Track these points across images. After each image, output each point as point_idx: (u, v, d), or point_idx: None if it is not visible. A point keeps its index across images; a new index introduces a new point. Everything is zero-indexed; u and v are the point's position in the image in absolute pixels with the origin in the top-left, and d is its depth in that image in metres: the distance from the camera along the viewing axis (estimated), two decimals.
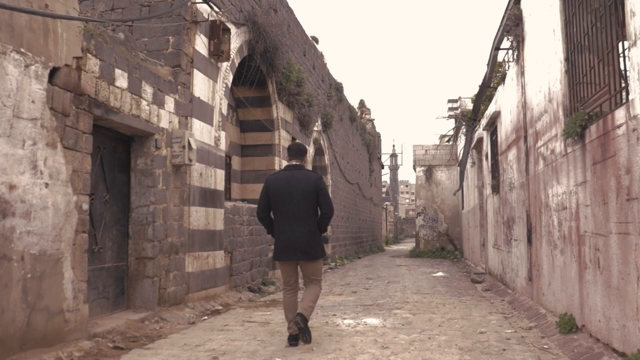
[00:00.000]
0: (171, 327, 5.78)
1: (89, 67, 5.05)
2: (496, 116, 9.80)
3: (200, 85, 7.56)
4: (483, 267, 12.55)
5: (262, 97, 10.92)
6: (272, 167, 11.06)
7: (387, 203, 46.45)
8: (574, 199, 4.86)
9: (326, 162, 16.55)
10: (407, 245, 32.66)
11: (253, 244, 9.59)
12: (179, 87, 6.94)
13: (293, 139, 12.46)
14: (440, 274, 12.45)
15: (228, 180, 10.56)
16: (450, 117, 22.95)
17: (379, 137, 33.00)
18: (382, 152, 38.46)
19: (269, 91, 10.84)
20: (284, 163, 11.57)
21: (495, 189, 10.00)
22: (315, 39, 16.94)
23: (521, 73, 7.34)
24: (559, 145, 5.41)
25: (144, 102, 6.08)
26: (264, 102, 10.96)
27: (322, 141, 15.84)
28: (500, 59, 11.23)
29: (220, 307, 7.18)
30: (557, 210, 5.47)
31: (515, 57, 7.95)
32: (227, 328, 5.71)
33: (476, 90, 13.84)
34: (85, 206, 4.93)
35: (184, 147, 6.65)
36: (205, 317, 6.43)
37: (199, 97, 7.49)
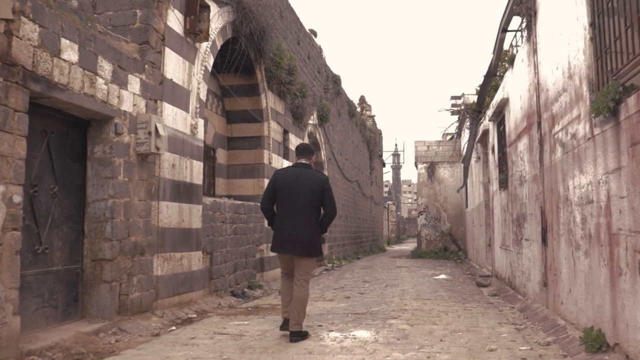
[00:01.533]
0: (129, 341, 4.97)
1: (24, 33, 4.25)
2: (504, 104, 8.96)
3: (174, 66, 6.75)
4: (489, 269, 11.71)
5: (249, 85, 10.11)
6: (261, 161, 10.26)
7: (389, 202, 45.63)
8: (604, 190, 4.03)
9: (323, 157, 15.73)
10: (409, 245, 31.81)
11: (237, 243, 8.77)
12: (146, 66, 6.13)
13: (285, 131, 11.65)
14: (442, 276, 11.61)
15: (212, 174, 9.77)
16: (453, 113, 22.15)
17: (380, 134, 32.17)
18: (384, 150, 37.65)
19: (257, 79, 10.03)
20: (274, 157, 10.77)
21: (503, 184, 9.17)
22: (314, 32, 16.17)
23: (533, 51, 6.51)
24: (582, 128, 4.58)
25: (100, 80, 5.27)
26: (252, 91, 10.15)
27: (317, 135, 15.02)
28: (506, 46, 10.44)
29: (194, 315, 6.37)
30: (580, 205, 4.64)
31: (526, 35, 7.12)
32: (193, 342, 4.90)
33: (480, 83, 13.05)
34: (18, 198, 4.12)
35: (150, 133, 5.84)
36: (173, 328, 5.62)
37: (171, 79, 6.68)
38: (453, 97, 23.42)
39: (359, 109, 26.11)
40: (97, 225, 5.41)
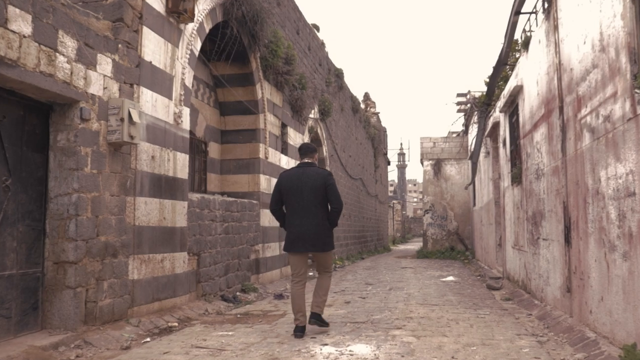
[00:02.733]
0: (93, 356, 4.32)
1: None
2: (517, 92, 8.27)
3: (154, 47, 6.10)
4: (500, 271, 11.01)
5: (244, 75, 9.45)
6: (257, 156, 9.59)
7: (395, 201, 44.90)
8: None
9: (324, 153, 15.05)
10: (415, 245, 31.10)
11: (229, 243, 8.12)
12: (120, 45, 5.48)
13: (283, 125, 10.99)
14: (450, 278, 10.92)
15: (204, 169, 9.12)
16: (459, 110, 21.41)
17: (385, 131, 31.46)
18: (389, 149, 36.94)
19: (251, 67, 9.37)
20: (271, 151, 10.13)
21: (517, 179, 8.47)
22: (316, 27, 15.54)
23: (554, 28, 5.82)
24: (619, 108, 3.89)
25: (61, 58, 4.62)
26: (247, 81, 9.49)
27: (319, 130, 14.35)
28: (517, 36, 9.80)
29: (176, 324, 5.72)
30: (617, 199, 3.95)
31: (544, 11, 6.43)
32: (165, 358, 4.24)
33: (489, 75, 12.36)
34: None
35: (122, 120, 5.19)
36: (148, 339, 4.96)
37: (150, 62, 6.03)
38: (459, 95, 22.73)
39: (363, 106, 25.43)
40: (60, 223, 4.76)
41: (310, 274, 10.24)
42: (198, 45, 7.27)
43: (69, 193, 4.77)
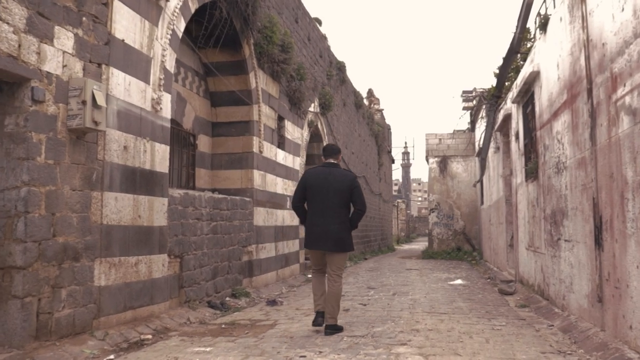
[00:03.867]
0: None
1: None
2: (533, 79, 7.54)
3: (127, 24, 5.41)
4: (511, 273, 10.29)
5: (236, 62, 8.75)
6: (250, 150, 8.90)
7: (399, 200, 44.19)
8: None
9: None
10: (420, 245, 30.35)
11: (217, 244, 7.42)
12: (84, 19, 4.79)
13: (280, 117, 10.29)
14: (459, 281, 10.19)
15: (192, 164, 8.42)
16: (465, 108, 20.66)
17: (389, 129, 30.74)
18: (394, 147, 36.19)
19: (244, 54, 8.67)
20: (266, 145, 9.44)
21: (532, 174, 7.74)
22: (319, 21, 14.88)
23: (580, 0, 5.10)
24: None
25: (5, 27, 3.93)
26: (239, 69, 8.79)
27: (319, 125, 13.64)
28: (529, 24, 9.11)
29: (150, 336, 5.03)
30: None
31: None
32: None
33: (499, 65, 11.64)
34: None
35: (84, 102, 4.50)
36: (112, 357, 4.28)
37: (123, 40, 5.33)
38: (465, 92, 22.05)
39: (366, 102, 24.73)
40: (6, 221, 4.08)
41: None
42: (182, 26, 6.58)
43: (17, 186, 4.09)
